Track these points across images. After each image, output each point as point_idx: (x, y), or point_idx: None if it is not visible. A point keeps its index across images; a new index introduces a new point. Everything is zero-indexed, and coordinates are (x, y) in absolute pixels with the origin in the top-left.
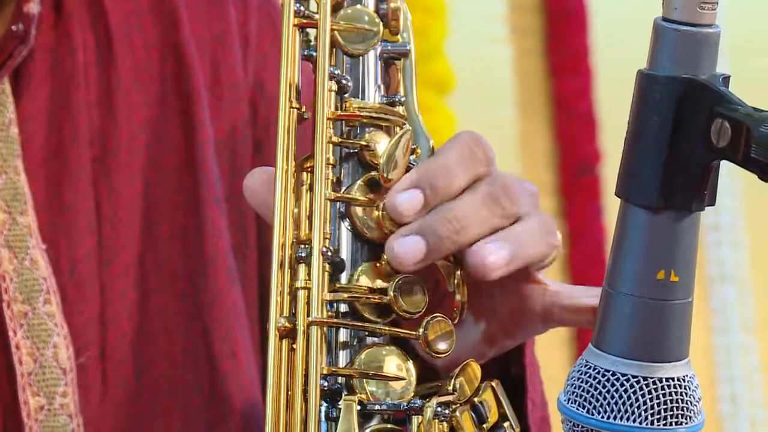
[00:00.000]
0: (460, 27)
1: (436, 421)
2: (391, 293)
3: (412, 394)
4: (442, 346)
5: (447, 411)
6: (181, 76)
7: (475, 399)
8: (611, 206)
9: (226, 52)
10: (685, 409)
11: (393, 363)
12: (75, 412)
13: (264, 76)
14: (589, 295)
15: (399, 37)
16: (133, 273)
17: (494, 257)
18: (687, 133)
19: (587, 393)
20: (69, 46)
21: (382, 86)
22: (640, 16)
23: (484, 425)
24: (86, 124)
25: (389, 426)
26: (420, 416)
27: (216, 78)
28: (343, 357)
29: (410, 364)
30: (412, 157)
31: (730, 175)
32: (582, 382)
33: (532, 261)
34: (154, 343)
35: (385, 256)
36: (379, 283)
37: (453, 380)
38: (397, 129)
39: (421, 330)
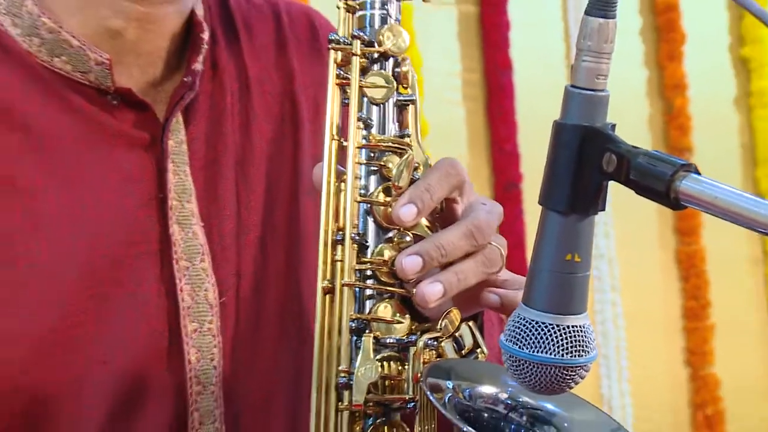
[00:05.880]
0: (430, 94)
1: (427, 349)
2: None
3: (410, 332)
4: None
5: (435, 342)
6: (294, 113)
7: (456, 334)
8: (530, 210)
9: (323, 92)
10: (585, 345)
11: (396, 312)
12: (217, 334)
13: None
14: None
15: (408, 89)
16: (259, 243)
17: (430, 291)
18: (586, 162)
19: (519, 335)
20: (221, 91)
21: (396, 124)
22: (551, 84)
23: (462, 351)
24: (232, 143)
25: (393, 354)
26: (415, 347)
27: (316, 111)
28: (366, 306)
29: (407, 314)
30: (416, 172)
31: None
32: (516, 327)
33: (468, 287)
34: (268, 290)
35: (395, 239)
36: (392, 257)
37: (440, 321)
38: (405, 153)
39: (415, 290)
